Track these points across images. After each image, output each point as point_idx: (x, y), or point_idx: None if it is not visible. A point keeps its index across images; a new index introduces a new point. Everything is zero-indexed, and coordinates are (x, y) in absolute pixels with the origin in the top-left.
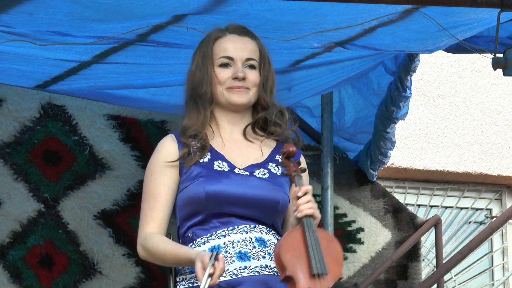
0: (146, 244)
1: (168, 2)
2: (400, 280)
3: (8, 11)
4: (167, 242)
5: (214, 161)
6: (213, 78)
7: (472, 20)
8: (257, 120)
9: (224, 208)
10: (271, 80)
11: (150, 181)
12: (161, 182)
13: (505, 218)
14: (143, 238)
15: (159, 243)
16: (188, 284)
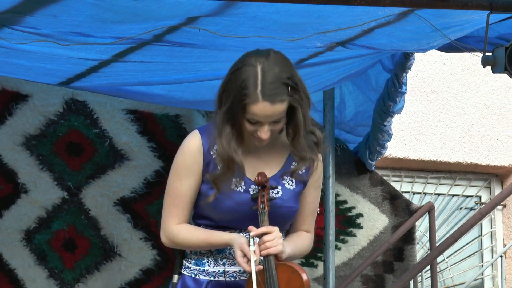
0: (176, 239)
1: (181, 5)
2: (396, 261)
3: (33, 14)
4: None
5: (233, 179)
6: (243, 125)
7: (463, 21)
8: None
9: (232, 223)
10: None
11: (176, 180)
12: (186, 184)
13: (493, 205)
14: (170, 233)
15: (189, 236)
16: (191, 273)
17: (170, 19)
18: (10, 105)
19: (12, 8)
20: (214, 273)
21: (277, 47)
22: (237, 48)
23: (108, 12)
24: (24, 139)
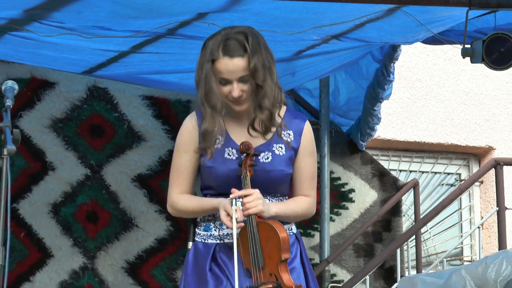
0: (176, 206)
1: (192, 2)
2: (384, 232)
3: (60, 10)
4: (193, 200)
5: (225, 148)
6: (219, 92)
7: (445, 17)
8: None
9: (228, 189)
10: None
11: (177, 156)
12: (185, 158)
13: (471, 181)
14: (172, 201)
15: (187, 203)
16: (202, 239)
17: (182, 14)
18: (39, 92)
19: (41, 5)
20: (219, 236)
21: (278, 39)
22: None
23: (127, 8)
24: (51, 122)
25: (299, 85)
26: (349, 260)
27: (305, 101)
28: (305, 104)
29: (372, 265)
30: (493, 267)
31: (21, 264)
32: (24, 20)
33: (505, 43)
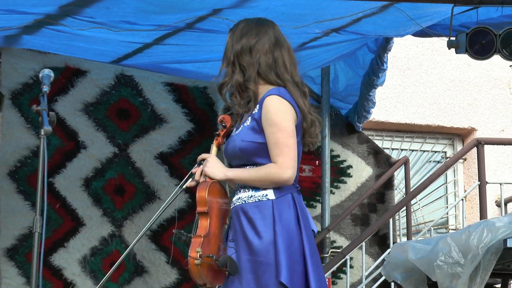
0: None
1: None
2: (378, 203)
3: (91, 6)
4: None
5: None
6: None
7: (432, 12)
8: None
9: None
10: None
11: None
12: None
13: (456, 158)
14: None
15: None
16: None
17: (199, 10)
18: (72, 79)
19: (74, 2)
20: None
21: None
22: None
23: (150, 5)
24: (83, 106)
25: (303, 73)
26: (347, 229)
27: (308, 87)
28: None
29: (367, 233)
30: (475, 234)
31: (56, 232)
32: (59, 15)
33: (486, 36)
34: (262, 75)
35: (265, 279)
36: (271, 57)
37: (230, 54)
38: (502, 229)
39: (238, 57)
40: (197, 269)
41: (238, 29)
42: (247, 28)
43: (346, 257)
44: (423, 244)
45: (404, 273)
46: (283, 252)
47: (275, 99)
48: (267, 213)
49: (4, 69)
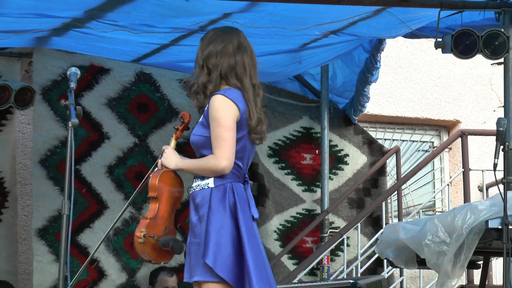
0: None
1: (219, 4)
2: (372, 188)
3: (113, 11)
4: None
5: None
6: None
7: (421, 16)
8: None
9: None
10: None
11: None
12: None
13: (442, 148)
14: None
15: None
16: None
17: (211, 14)
18: (97, 76)
19: (98, 7)
20: None
21: (287, 34)
22: (259, 35)
23: (167, 9)
24: (107, 100)
25: (304, 71)
26: (344, 211)
27: (309, 84)
28: (309, 86)
29: (362, 215)
30: (459, 216)
31: (82, 214)
32: (85, 19)
33: (470, 37)
34: (224, 77)
35: (196, 259)
36: (234, 59)
37: (200, 58)
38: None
39: (206, 61)
40: (141, 247)
41: (207, 37)
42: (215, 36)
43: (343, 237)
44: (413, 225)
45: (395, 251)
46: (211, 235)
47: (219, 98)
48: (206, 200)
49: (36, 67)
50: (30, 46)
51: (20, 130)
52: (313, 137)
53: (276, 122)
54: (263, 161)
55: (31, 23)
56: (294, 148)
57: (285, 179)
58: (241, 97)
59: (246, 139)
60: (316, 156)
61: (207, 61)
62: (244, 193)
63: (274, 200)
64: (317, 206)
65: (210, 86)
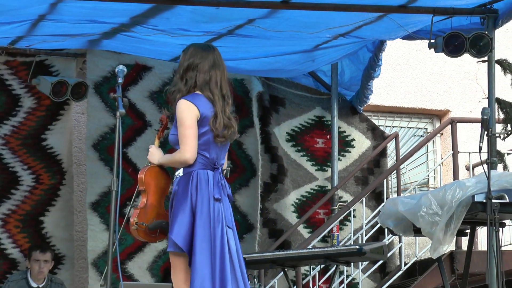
0: None
1: (244, 11)
2: (375, 168)
3: (154, 17)
4: None
5: None
6: None
7: (416, 21)
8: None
9: None
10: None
11: None
12: None
13: (434, 133)
14: None
15: None
16: None
17: (237, 20)
18: (141, 73)
19: (141, 14)
20: None
21: (302, 37)
22: (278, 37)
23: (200, 16)
24: (149, 93)
25: (317, 68)
26: (351, 187)
27: (321, 79)
28: (321, 81)
29: (367, 190)
30: (450, 192)
31: (128, 190)
32: (130, 24)
33: (458, 39)
34: (198, 88)
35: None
36: (208, 75)
37: (181, 69)
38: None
39: (185, 72)
40: (135, 232)
41: (189, 51)
42: (195, 52)
43: (350, 209)
44: (410, 199)
45: (395, 221)
46: (174, 215)
47: (181, 101)
48: (175, 187)
49: (89, 65)
50: (84, 47)
51: (76, 119)
52: (325, 124)
53: (293, 112)
54: (282, 145)
55: (85, 28)
56: (308, 133)
57: (301, 160)
58: (205, 102)
59: (209, 134)
60: (327, 141)
61: (186, 73)
62: (207, 178)
63: (292, 178)
64: (328, 183)
65: (183, 93)
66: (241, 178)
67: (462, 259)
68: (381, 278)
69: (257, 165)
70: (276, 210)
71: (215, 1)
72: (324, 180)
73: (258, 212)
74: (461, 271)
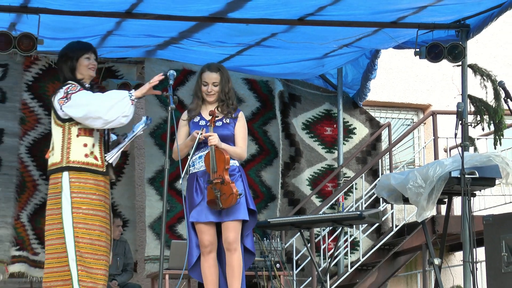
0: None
1: (268, 27)
2: (372, 150)
3: (198, 32)
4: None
5: (199, 119)
6: (201, 91)
7: (405, 34)
8: (218, 106)
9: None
10: (227, 88)
11: None
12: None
13: (419, 123)
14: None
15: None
16: None
17: (262, 34)
18: (187, 76)
19: (188, 30)
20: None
21: (314, 47)
22: (295, 47)
23: (233, 31)
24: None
25: (326, 72)
26: (353, 165)
27: (329, 80)
28: (329, 81)
29: (365, 168)
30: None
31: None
32: (179, 38)
33: (438, 48)
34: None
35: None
36: (233, 90)
37: (226, 85)
38: (448, 165)
39: (229, 90)
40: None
41: (225, 71)
42: (226, 73)
43: (352, 183)
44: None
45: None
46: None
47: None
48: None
49: (147, 71)
50: (143, 56)
51: (136, 112)
52: (332, 116)
53: (307, 106)
54: (299, 133)
55: (143, 41)
56: (319, 123)
57: (313, 144)
58: None
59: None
60: (334, 129)
61: (230, 90)
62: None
63: (306, 159)
64: (335, 162)
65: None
66: (266, 159)
67: (441, 222)
68: (377, 237)
69: (278, 148)
70: (293, 183)
71: (245, 19)
72: (332, 160)
73: (279, 186)
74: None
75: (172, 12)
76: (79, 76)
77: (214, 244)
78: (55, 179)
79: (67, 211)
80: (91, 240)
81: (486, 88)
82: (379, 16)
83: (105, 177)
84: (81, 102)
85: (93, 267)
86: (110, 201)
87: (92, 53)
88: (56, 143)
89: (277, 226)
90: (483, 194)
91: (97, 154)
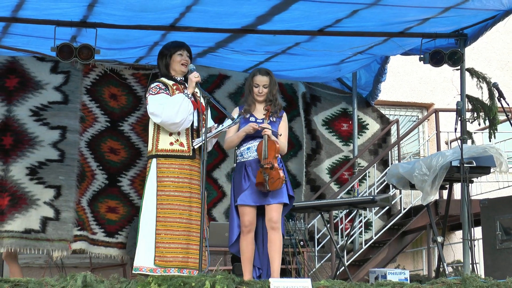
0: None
1: (293, 37)
2: (383, 143)
3: (232, 42)
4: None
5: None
6: (252, 90)
7: (410, 42)
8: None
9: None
10: (274, 91)
11: None
12: None
13: (423, 119)
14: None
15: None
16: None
17: (288, 43)
18: (223, 80)
19: (223, 40)
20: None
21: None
22: (316, 55)
23: (262, 41)
24: (228, 94)
25: (342, 75)
26: (366, 156)
27: (345, 83)
28: (345, 84)
29: (377, 158)
30: (435, 159)
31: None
32: (215, 47)
33: (439, 54)
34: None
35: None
36: (278, 92)
37: (274, 88)
38: (449, 156)
39: (276, 92)
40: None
41: (273, 76)
42: (274, 77)
43: (366, 171)
44: (407, 164)
45: (397, 180)
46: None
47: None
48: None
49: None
50: None
51: None
52: (348, 114)
53: (326, 105)
54: (319, 128)
55: None
56: (337, 120)
57: (332, 138)
58: None
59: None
60: (350, 125)
61: (276, 92)
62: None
63: (325, 151)
64: (350, 154)
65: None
66: (292, 151)
67: (443, 205)
68: (387, 219)
69: (302, 142)
70: (315, 172)
71: (272, 31)
72: (348, 152)
73: (303, 174)
74: (443, 213)
75: (210, 25)
76: (172, 72)
77: (253, 225)
78: (148, 165)
79: (151, 192)
80: (172, 218)
81: (481, 88)
82: (388, 27)
83: (192, 160)
84: (157, 112)
85: (170, 241)
86: (202, 179)
87: (185, 50)
88: (150, 134)
89: (301, 209)
90: (480, 181)
91: (183, 140)
